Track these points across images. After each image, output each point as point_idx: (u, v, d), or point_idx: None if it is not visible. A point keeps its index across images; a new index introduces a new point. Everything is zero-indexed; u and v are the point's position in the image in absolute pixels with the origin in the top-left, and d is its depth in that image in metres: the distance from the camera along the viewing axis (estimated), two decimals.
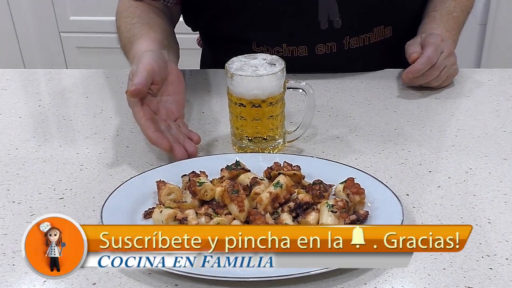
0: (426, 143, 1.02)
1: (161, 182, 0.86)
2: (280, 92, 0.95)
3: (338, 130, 1.07)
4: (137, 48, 1.07)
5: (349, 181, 0.84)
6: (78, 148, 1.04)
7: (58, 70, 1.39)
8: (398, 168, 0.95)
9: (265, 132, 0.98)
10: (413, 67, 1.15)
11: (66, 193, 0.91)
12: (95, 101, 1.22)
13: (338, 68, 1.28)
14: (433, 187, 0.90)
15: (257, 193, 0.82)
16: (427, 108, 1.15)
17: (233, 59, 0.97)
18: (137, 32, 1.12)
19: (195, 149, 0.96)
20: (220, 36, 1.31)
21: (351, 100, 1.19)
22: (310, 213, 0.81)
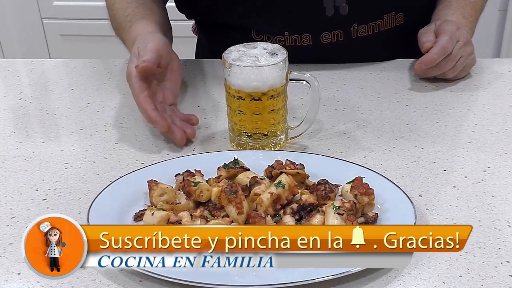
0: (441, 140, 1.03)
1: (152, 182, 0.86)
2: (282, 84, 0.96)
3: (345, 126, 1.07)
4: (141, 28, 1.11)
5: (357, 181, 0.84)
6: (62, 145, 1.05)
7: (40, 59, 1.39)
8: (410, 166, 0.95)
9: (266, 128, 0.98)
10: (427, 57, 1.15)
11: (49, 193, 0.91)
12: (81, 94, 1.22)
13: (345, 58, 1.28)
14: (448, 187, 0.90)
15: (257, 193, 0.82)
16: (441, 102, 1.15)
17: (231, 49, 0.97)
18: (138, 12, 1.16)
19: (193, 131, 1.01)
20: (217, 24, 1.31)
21: (359, 92, 1.19)
22: (314, 215, 0.81)
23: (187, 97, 1.19)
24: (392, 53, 1.31)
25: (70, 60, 1.38)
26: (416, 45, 1.19)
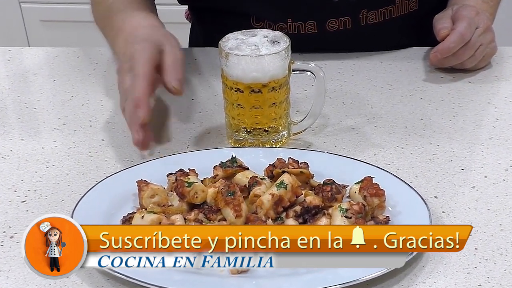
0: (458, 136, 1.03)
1: (142, 182, 0.86)
2: (284, 75, 0.96)
3: (354, 120, 1.08)
4: (128, 21, 1.08)
5: (367, 181, 0.84)
6: (43, 142, 1.05)
7: (18, 48, 1.39)
8: (425, 165, 0.96)
9: (267, 123, 0.98)
10: (443, 46, 1.15)
11: (29, 195, 0.92)
12: (63, 86, 1.22)
13: (353, 47, 1.28)
14: (466, 188, 0.91)
15: (257, 195, 0.82)
16: (459, 94, 1.15)
17: (228, 36, 0.97)
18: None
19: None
20: (212, 9, 1.31)
21: (369, 84, 1.19)
22: (320, 218, 0.81)
23: None
24: (405, 41, 1.31)
25: (52, 48, 1.38)
26: (431, 32, 1.19)
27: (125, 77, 0.97)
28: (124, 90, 0.97)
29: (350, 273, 0.74)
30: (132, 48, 0.99)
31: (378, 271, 0.73)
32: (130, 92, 0.95)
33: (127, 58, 0.99)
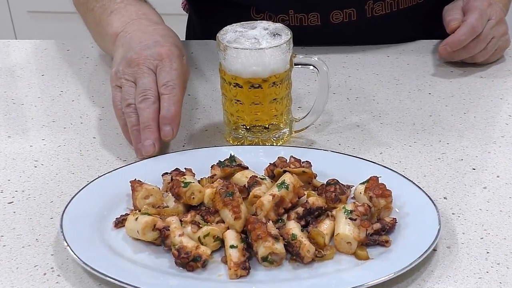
0: (469, 134, 1.03)
1: (136, 182, 0.86)
2: (286, 69, 0.96)
3: (359, 117, 1.08)
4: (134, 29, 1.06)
5: (372, 181, 0.84)
6: (31, 140, 1.05)
7: (5, 41, 1.39)
8: (434, 164, 0.96)
9: (267, 120, 0.98)
10: (453, 38, 1.15)
11: (16, 195, 0.92)
12: (52, 81, 1.23)
13: (358, 40, 1.28)
14: (477, 189, 0.91)
15: (257, 196, 0.83)
16: (470, 90, 1.15)
17: (226, 28, 0.97)
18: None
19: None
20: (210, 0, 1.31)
21: (374, 79, 1.19)
22: (323, 221, 0.81)
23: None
24: (413, 34, 1.31)
25: (40, 41, 1.38)
26: (440, 24, 1.19)
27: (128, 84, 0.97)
28: (143, 90, 0.95)
29: (355, 278, 0.74)
30: (138, 60, 0.98)
31: (384, 275, 0.73)
32: (150, 101, 0.94)
33: (132, 67, 0.98)
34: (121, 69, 0.99)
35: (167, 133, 0.93)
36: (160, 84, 0.96)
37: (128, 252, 0.79)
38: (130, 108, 0.95)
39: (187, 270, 0.76)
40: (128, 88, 0.97)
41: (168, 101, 0.94)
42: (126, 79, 0.98)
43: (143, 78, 0.96)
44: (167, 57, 0.98)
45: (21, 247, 0.82)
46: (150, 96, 0.94)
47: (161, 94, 0.95)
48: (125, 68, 0.99)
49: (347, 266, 0.76)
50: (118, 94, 0.98)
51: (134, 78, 0.97)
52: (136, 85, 0.96)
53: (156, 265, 0.77)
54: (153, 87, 0.95)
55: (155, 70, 0.97)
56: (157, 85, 0.96)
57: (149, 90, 0.95)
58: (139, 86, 0.96)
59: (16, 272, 0.78)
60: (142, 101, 0.94)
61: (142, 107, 0.94)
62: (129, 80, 0.97)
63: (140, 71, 0.97)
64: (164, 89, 0.95)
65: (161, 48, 0.99)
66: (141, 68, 0.97)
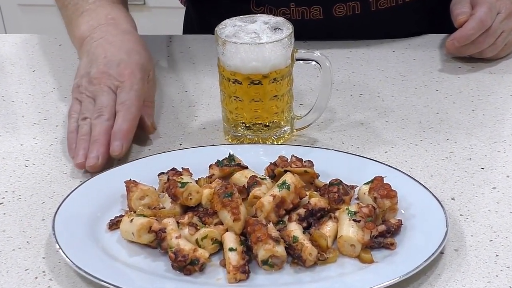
0: (478, 132, 1.03)
1: (131, 183, 0.86)
2: (287, 64, 0.96)
3: (363, 115, 1.08)
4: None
5: (377, 181, 0.84)
6: (22, 138, 1.05)
7: None
8: (441, 164, 0.96)
9: (267, 117, 0.98)
10: (461, 33, 1.15)
11: (6, 196, 0.92)
12: (44, 77, 1.23)
13: (362, 35, 1.28)
14: (486, 189, 0.91)
15: (257, 196, 0.83)
16: (478, 86, 1.15)
17: (225, 22, 0.97)
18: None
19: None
20: None
21: (379, 75, 1.19)
22: (325, 223, 0.81)
23: (172, 80, 1.19)
24: (419, 28, 1.31)
25: (31, 35, 1.38)
26: (448, 18, 1.19)
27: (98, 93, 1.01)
28: (100, 104, 0.99)
29: (359, 282, 0.74)
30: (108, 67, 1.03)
31: (389, 279, 0.73)
32: (107, 112, 0.98)
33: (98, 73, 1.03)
34: (83, 85, 1.03)
35: (115, 147, 0.95)
36: (117, 103, 1.00)
37: (123, 255, 0.79)
38: (85, 121, 0.99)
39: (184, 274, 0.76)
40: (87, 104, 1.01)
41: (122, 118, 0.98)
42: (87, 96, 1.02)
43: (102, 96, 1.00)
44: (128, 79, 1.02)
45: (11, 250, 0.82)
46: (105, 113, 0.98)
47: (117, 111, 0.99)
48: (87, 84, 1.03)
49: (350, 269, 0.76)
50: (76, 106, 1.02)
51: (93, 96, 1.02)
52: (95, 102, 1.01)
53: (152, 269, 0.77)
54: (110, 104, 0.99)
55: (115, 90, 1.01)
56: (115, 104, 1.00)
57: (105, 107, 0.99)
58: (97, 104, 1.00)
59: (7, 276, 0.78)
60: (97, 117, 0.98)
61: (95, 122, 0.98)
62: (89, 97, 1.02)
63: (100, 90, 1.01)
64: (121, 107, 0.99)
65: (124, 69, 1.03)
66: (101, 87, 1.01)
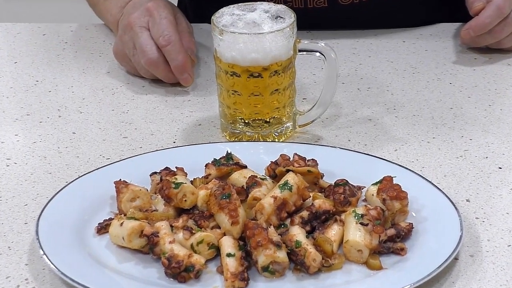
0: (495, 128, 1.03)
1: (121, 183, 0.86)
2: (289, 56, 0.96)
3: (371, 110, 1.08)
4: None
5: (386, 182, 0.84)
6: (2, 135, 1.05)
7: None
8: (455, 163, 0.96)
9: (268, 113, 0.98)
10: (477, 21, 1.15)
11: None
12: (27, 69, 1.23)
13: (369, 24, 1.28)
14: (504, 190, 0.91)
15: (256, 198, 0.83)
16: (496, 79, 1.15)
17: (222, 11, 0.97)
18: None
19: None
20: None
21: (388, 67, 1.20)
22: (330, 226, 0.81)
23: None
24: (431, 16, 1.31)
25: (12, 24, 1.38)
26: (462, 5, 1.19)
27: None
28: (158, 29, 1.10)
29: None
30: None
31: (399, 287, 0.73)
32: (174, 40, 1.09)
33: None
34: (120, 40, 1.14)
35: (186, 80, 1.10)
36: (156, 37, 1.10)
37: (112, 262, 0.79)
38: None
39: (178, 282, 0.76)
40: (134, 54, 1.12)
41: (172, 53, 1.09)
42: (128, 48, 1.12)
43: (138, 38, 1.10)
44: (155, 10, 1.12)
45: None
46: (150, 53, 1.09)
47: (161, 46, 1.10)
48: (122, 36, 1.13)
49: (357, 276, 0.77)
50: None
51: (132, 43, 1.12)
52: (136, 48, 1.11)
53: (143, 276, 0.77)
54: (150, 42, 1.10)
55: (147, 26, 1.12)
56: (154, 39, 1.11)
57: (147, 46, 1.10)
58: (138, 48, 1.11)
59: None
60: (146, 61, 1.10)
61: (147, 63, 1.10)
62: (130, 48, 1.12)
63: (134, 34, 1.11)
64: (162, 40, 1.09)
65: (147, 3, 1.13)
66: (133, 30, 1.11)
